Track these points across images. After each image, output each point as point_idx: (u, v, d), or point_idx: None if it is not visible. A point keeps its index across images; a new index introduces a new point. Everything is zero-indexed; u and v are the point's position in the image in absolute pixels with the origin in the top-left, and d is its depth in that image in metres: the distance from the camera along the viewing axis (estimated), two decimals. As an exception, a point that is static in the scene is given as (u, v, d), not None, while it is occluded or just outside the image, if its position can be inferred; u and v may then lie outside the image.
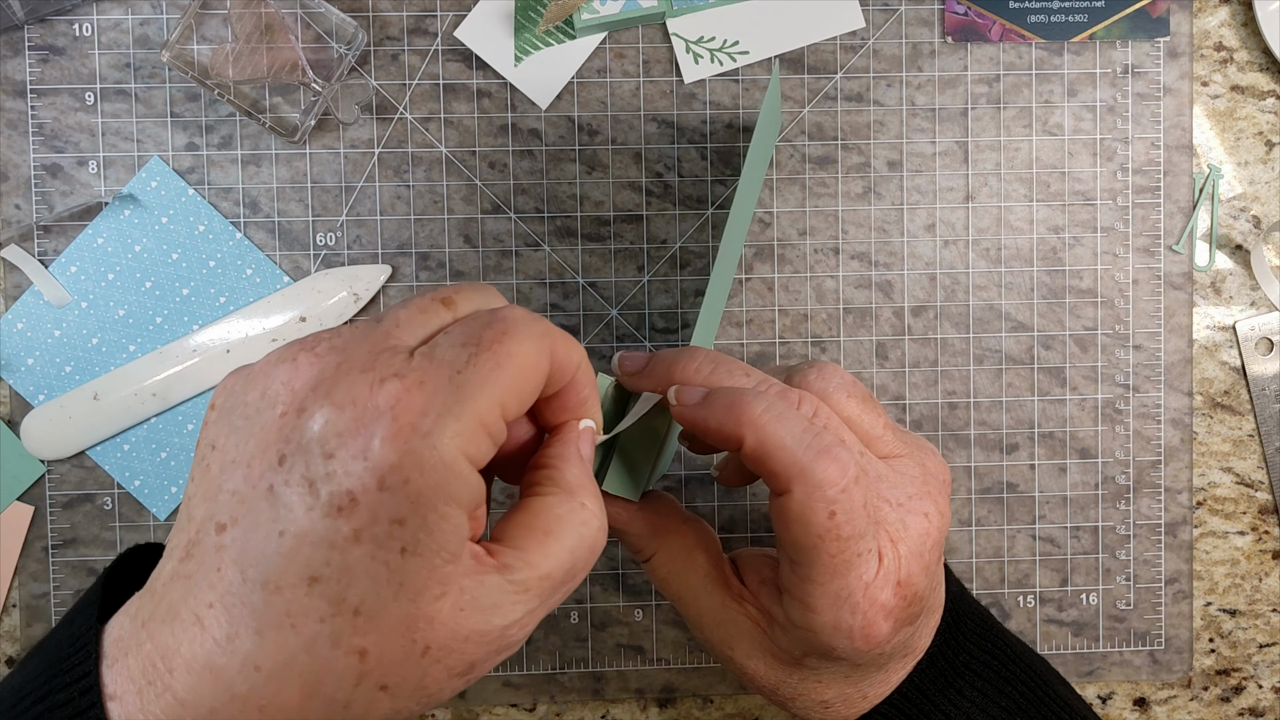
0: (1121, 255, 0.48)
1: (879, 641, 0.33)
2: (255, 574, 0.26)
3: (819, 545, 0.32)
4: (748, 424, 0.32)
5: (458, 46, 0.46)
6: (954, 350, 0.48)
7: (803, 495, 0.31)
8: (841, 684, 0.36)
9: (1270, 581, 0.49)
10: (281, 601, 0.25)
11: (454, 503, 0.26)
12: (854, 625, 0.33)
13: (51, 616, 0.46)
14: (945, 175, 0.48)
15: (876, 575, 0.33)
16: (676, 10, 0.46)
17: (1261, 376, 0.49)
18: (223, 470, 0.27)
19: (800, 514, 0.32)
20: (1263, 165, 0.49)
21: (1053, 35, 0.47)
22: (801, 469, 0.31)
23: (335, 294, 0.46)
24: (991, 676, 0.37)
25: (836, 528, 0.32)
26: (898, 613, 0.33)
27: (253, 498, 0.26)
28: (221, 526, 0.26)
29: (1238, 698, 0.50)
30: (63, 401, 0.45)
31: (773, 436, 0.32)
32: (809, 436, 0.32)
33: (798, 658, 0.35)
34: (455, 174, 0.47)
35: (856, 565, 0.32)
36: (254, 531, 0.26)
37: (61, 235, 0.46)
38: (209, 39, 0.45)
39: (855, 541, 0.32)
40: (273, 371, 0.27)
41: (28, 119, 0.46)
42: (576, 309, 0.47)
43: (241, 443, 0.27)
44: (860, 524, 0.32)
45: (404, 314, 0.29)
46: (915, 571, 0.33)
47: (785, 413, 0.32)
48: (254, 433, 0.26)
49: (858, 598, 0.32)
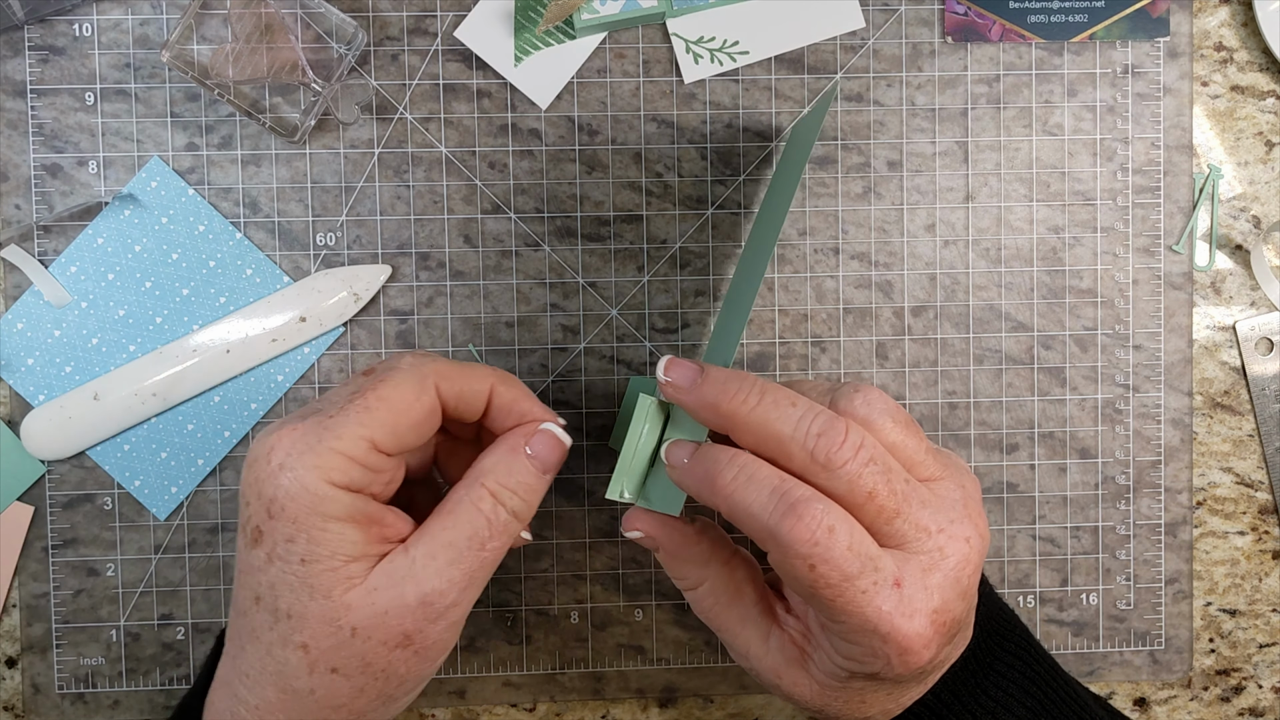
0: (1121, 255, 0.48)
1: (919, 665, 0.34)
2: (234, 607, 0.34)
3: (816, 593, 0.33)
4: (720, 493, 0.34)
5: (458, 46, 0.46)
6: (954, 350, 0.48)
7: (779, 555, 0.33)
8: (884, 699, 0.37)
9: (1270, 581, 0.49)
10: (246, 622, 0.33)
11: (329, 518, 0.32)
12: (889, 652, 0.33)
13: (51, 616, 0.46)
14: (945, 175, 0.48)
15: (899, 602, 0.33)
16: (676, 10, 0.46)
17: (1261, 376, 0.49)
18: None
19: (785, 570, 0.33)
20: (1263, 165, 0.49)
21: (1053, 35, 0.47)
22: (770, 532, 0.32)
23: (335, 294, 0.46)
24: (1017, 677, 0.38)
25: (823, 577, 0.32)
26: (937, 640, 0.33)
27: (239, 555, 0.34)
28: None
29: (1238, 698, 0.50)
30: (63, 401, 0.45)
31: (740, 504, 0.33)
32: (775, 499, 0.32)
33: (844, 679, 0.35)
34: (455, 174, 0.47)
35: (870, 599, 0.32)
36: (235, 576, 0.34)
37: (61, 235, 0.46)
38: (209, 39, 0.45)
39: (853, 581, 0.32)
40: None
41: (28, 119, 0.46)
42: (576, 309, 0.47)
43: None
44: (849, 566, 0.32)
45: (333, 389, 0.35)
46: (951, 599, 0.34)
47: (755, 475, 0.33)
48: None
49: (885, 627, 0.32)
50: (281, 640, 0.33)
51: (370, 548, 0.33)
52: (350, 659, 0.32)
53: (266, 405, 0.46)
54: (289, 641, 0.32)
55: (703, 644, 0.48)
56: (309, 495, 0.32)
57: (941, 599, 0.33)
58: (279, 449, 0.32)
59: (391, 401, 0.33)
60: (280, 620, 0.32)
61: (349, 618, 0.32)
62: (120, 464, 0.46)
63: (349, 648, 0.32)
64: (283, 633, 0.32)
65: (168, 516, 0.47)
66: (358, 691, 0.33)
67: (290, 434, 0.32)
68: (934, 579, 0.33)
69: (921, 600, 0.33)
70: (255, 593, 0.33)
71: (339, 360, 0.47)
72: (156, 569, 0.47)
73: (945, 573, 0.34)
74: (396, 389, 0.34)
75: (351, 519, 0.32)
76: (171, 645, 0.47)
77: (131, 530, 0.46)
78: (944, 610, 0.33)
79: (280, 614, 0.32)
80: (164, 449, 0.46)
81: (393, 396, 0.33)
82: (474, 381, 0.36)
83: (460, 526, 0.34)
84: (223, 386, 0.46)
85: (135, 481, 0.46)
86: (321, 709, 0.33)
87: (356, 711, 0.34)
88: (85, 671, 0.46)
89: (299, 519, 0.32)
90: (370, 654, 0.32)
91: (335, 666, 0.32)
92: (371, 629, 0.32)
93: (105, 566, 0.46)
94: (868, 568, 0.32)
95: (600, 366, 0.47)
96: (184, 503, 0.47)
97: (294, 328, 0.46)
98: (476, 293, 0.47)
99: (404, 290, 0.47)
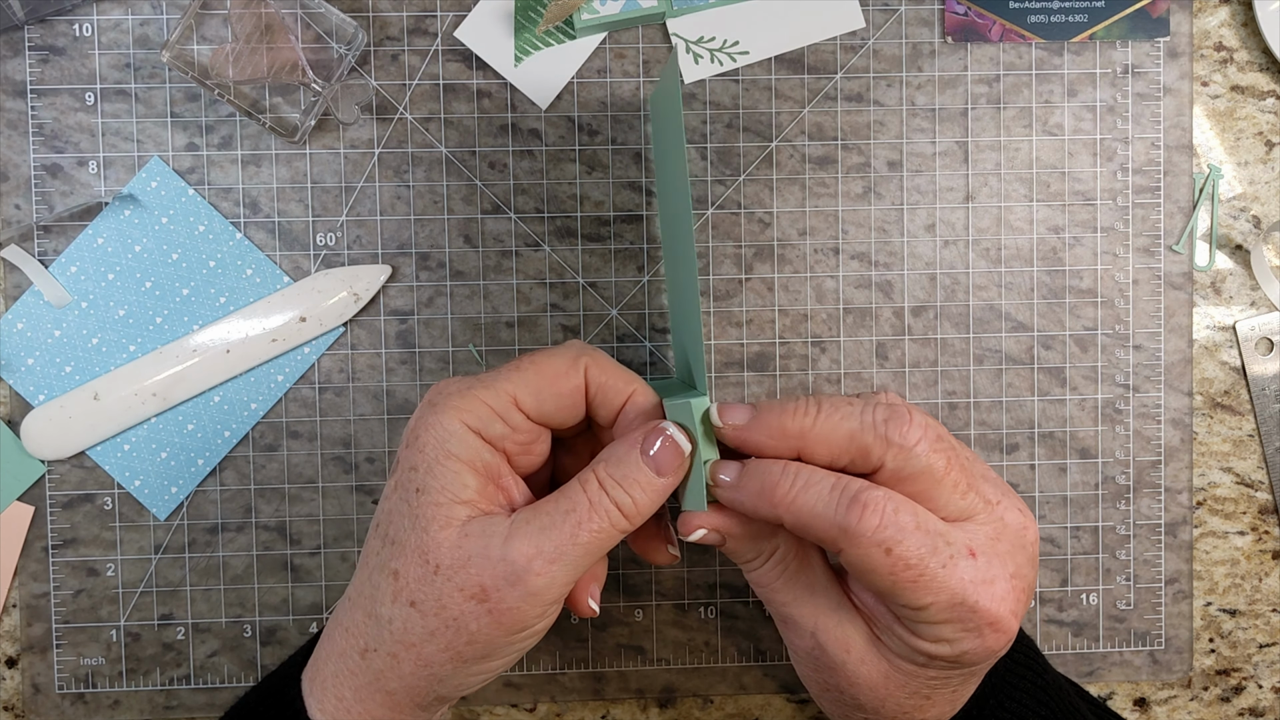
0: (1121, 255, 0.48)
1: (1009, 636, 0.34)
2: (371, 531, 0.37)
3: (896, 580, 0.32)
4: (781, 503, 0.34)
5: (458, 46, 0.46)
6: (954, 350, 0.48)
7: (853, 550, 0.33)
8: (949, 696, 0.36)
9: (1270, 581, 0.49)
10: (366, 548, 0.36)
11: (453, 457, 0.34)
12: (981, 624, 0.33)
13: (51, 616, 0.46)
14: (945, 175, 0.48)
15: (979, 570, 0.33)
16: (676, 10, 0.46)
17: (1261, 376, 0.49)
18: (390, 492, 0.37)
19: (863, 565, 0.33)
20: (1263, 165, 0.49)
21: (1053, 35, 0.47)
22: (839, 528, 0.33)
23: (335, 294, 0.46)
24: (1029, 688, 0.39)
25: (901, 558, 0.32)
26: (1021, 606, 0.34)
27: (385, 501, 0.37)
28: None
29: (1238, 698, 0.50)
30: (63, 401, 0.45)
31: (804, 508, 0.33)
32: (837, 495, 0.33)
33: (922, 664, 0.35)
34: (455, 174, 0.47)
35: (951, 573, 0.33)
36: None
37: (61, 235, 0.46)
38: (209, 39, 0.45)
39: (930, 557, 0.32)
40: None
41: (28, 119, 0.46)
42: (576, 309, 0.47)
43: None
44: (924, 540, 0.32)
45: (504, 368, 0.37)
46: (1023, 564, 0.34)
47: (811, 478, 0.34)
48: None
49: (971, 597, 0.33)
50: (380, 565, 0.35)
51: (483, 500, 0.35)
52: (429, 596, 0.34)
53: (266, 405, 0.46)
54: (385, 567, 0.34)
55: (702, 644, 0.48)
56: (441, 429, 0.34)
57: (1015, 564, 0.34)
58: (438, 391, 0.35)
59: (541, 367, 0.36)
60: (386, 545, 0.35)
61: (436, 554, 0.33)
62: (120, 464, 0.46)
63: (430, 584, 0.33)
64: (384, 558, 0.35)
65: (168, 516, 0.47)
66: (429, 634, 0.34)
67: (453, 382, 0.36)
68: (1003, 546, 0.34)
69: (998, 567, 0.33)
70: (377, 519, 0.36)
71: (339, 360, 0.47)
72: (156, 569, 0.47)
73: (1011, 539, 0.34)
74: (550, 359, 0.36)
75: (472, 464, 0.34)
76: (171, 645, 0.47)
77: (131, 530, 0.46)
78: (1020, 576, 0.34)
79: (387, 540, 0.35)
80: (164, 449, 0.46)
81: (544, 364, 0.36)
82: (620, 380, 0.37)
83: (560, 501, 0.34)
84: (223, 386, 0.46)
85: (135, 481, 0.46)
86: (395, 642, 0.34)
87: (425, 658, 0.34)
88: (85, 671, 0.46)
89: (426, 449, 0.34)
90: (446, 597, 0.33)
91: (414, 600, 0.34)
92: (452, 571, 0.33)
93: (105, 566, 0.46)
94: (939, 542, 0.33)
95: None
96: (184, 503, 0.47)
97: (294, 328, 0.46)
98: (476, 293, 0.47)
99: (404, 290, 0.47)
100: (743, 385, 0.47)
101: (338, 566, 0.47)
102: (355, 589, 0.36)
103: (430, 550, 0.34)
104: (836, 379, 0.48)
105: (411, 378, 0.47)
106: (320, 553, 0.47)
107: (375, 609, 0.35)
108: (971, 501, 0.34)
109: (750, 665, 0.48)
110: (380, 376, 0.47)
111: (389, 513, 0.35)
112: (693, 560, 0.48)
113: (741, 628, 0.48)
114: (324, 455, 0.47)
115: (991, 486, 0.35)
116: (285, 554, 0.47)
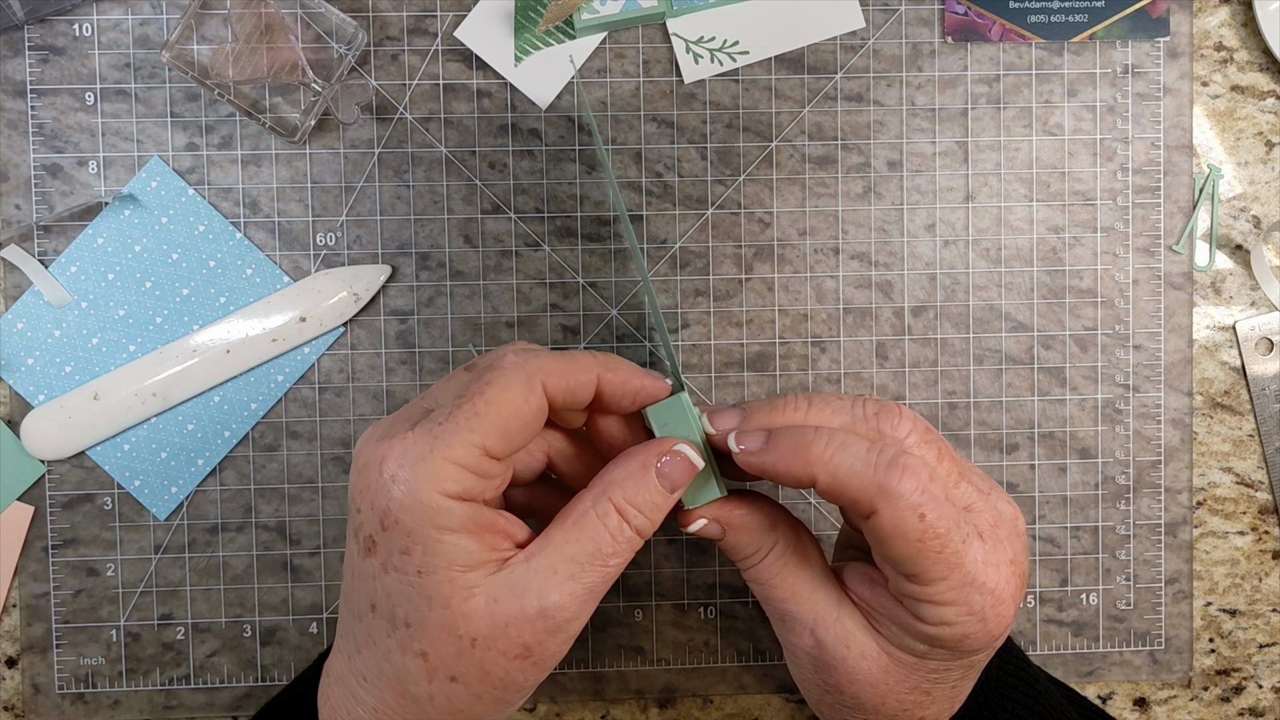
0: (1121, 255, 0.48)
1: (1008, 620, 0.34)
2: (346, 609, 0.34)
3: (922, 549, 0.33)
4: (816, 463, 0.33)
5: (458, 46, 0.46)
6: (954, 350, 0.48)
7: (890, 511, 0.32)
8: (949, 691, 0.36)
9: (1270, 581, 0.49)
10: (363, 626, 0.33)
11: (444, 529, 0.31)
12: (986, 605, 0.33)
13: (51, 616, 0.46)
14: (945, 175, 0.48)
15: (987, 553, 0.34)
16: (676, 10, 0.46)
17: (1261, 376, 0.49)
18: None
19: (894, 528, 0.33)
20: (1263, 165, 0.49)
21: (1053, 35, 0.47)
22: (880, 488, 0.32)
23: (335, 294, 0.46)
24: (1020, 697, 0.39)
25: (932, 526, 0.32)
26: (1020, 592, 0.34)
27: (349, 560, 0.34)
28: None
29: (1238, 698, 0.50)
30: (63, 401, 0.45)
31: (843, 467, 0.33)
32: (874, 455, 0.33)
33: (922, 654, 0.35)
34: (455, 174, 0.47)
35: (969, 549, 0.33)
36: (344, 577, 0.35)
37: (61, 235, 0.46)
38: (209, 39, 0.45)
39: (955, 530, 0.33)
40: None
41: (28, 119, 0.46)
42: (576, 309, 0.47)
43: None
44: (951, 513, 0.33)
45: (437, 384, 0.35)
46: (1019, 550, 0.35)
47: (847, 441, 0.33)
48: None
49: (981, 577, 0.33)
50: (400, 647, 0.33)
51: (486, 555, 0.32)
52: (469, 668, 0.32)
53: (266, 405, 0.46)
54: (408, 649, 0.32)
55: (702, 645, 0.48)
56: (423, 508, 0.31)
57: (1013, 550, 0.34)
58: (391, 459, 0.32)
59: (500, 405, 0.32)
60: (398, 628, 0.32)
61: (469, 628, 0.32)
62: (120, 464, 0.46)
63: (468, 657, 0.32)
64: (401, 640, 0.32)
65: (168, 516, 0.47)
66: (475, 698, 0.33)
67: (401, 444, 0.32)
68: (1003, 532, 0.34)
69: (1000, 552, 0.34)
70: (370, 600, 0.33)
71: (339, 360, 0.47)
72: (156, 569, 0.47)
73: (1008, 527, 0.35)
74: (504, 391, 0.33)
75: (466, 529, 0.32)
76: (171, 645, 0.47)
77: (131, 530, 0.46)
78: (1017, 561, 0.34)
79: (398, 621, 0.32)
80: (164, 449, 0.46)
81: (501, 399, 0.32)
82: (579, 373, 0.35)
83: (584, 541, 0.33)
84: (223, 386, 0.46)
85: (135, 481, 0.46)
86: (440, 714, 0.33)
87: (473, 716, 0.33)
88: (85, 671, 0.46)
89: (414, 531, 0.31)
90: (489, 663, 0.32)
91: (454, 675, 0.32)
92: (491, 640, 0.32)
93: (105, 566, 0.46)
94: (961, 517, 0.33)
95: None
96: (184, 503, 0.47)
97: (294, 328, 0.46)
98: (476, 293, 0.47)
99: (404, 290, 0.47)
100: (743, 385, 0.47)
101: (337, 567, 0.47)
102: (370, 670, 0.33)
103: (459, 625, 0.32)
104: (836, 379, 0.48)
105: (411, 378, 0.47)
106: (320, 553, 0.47)
107: (407, 689, 0.33)
108: (965, 491, 0.35)
109: (750, 665, 0.48)
110: (380, 376, 0.47)
111: (388, 594, 0.32)
112: (692, 560, 0.48)
113: (741, 628, 0.48)
114: (324, 455, 0.47)
115: (980, 479, 0.36)
116: (285, 554, 0.47)
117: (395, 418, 0.34)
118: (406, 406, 0.34)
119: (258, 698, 0.47)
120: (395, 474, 0.31)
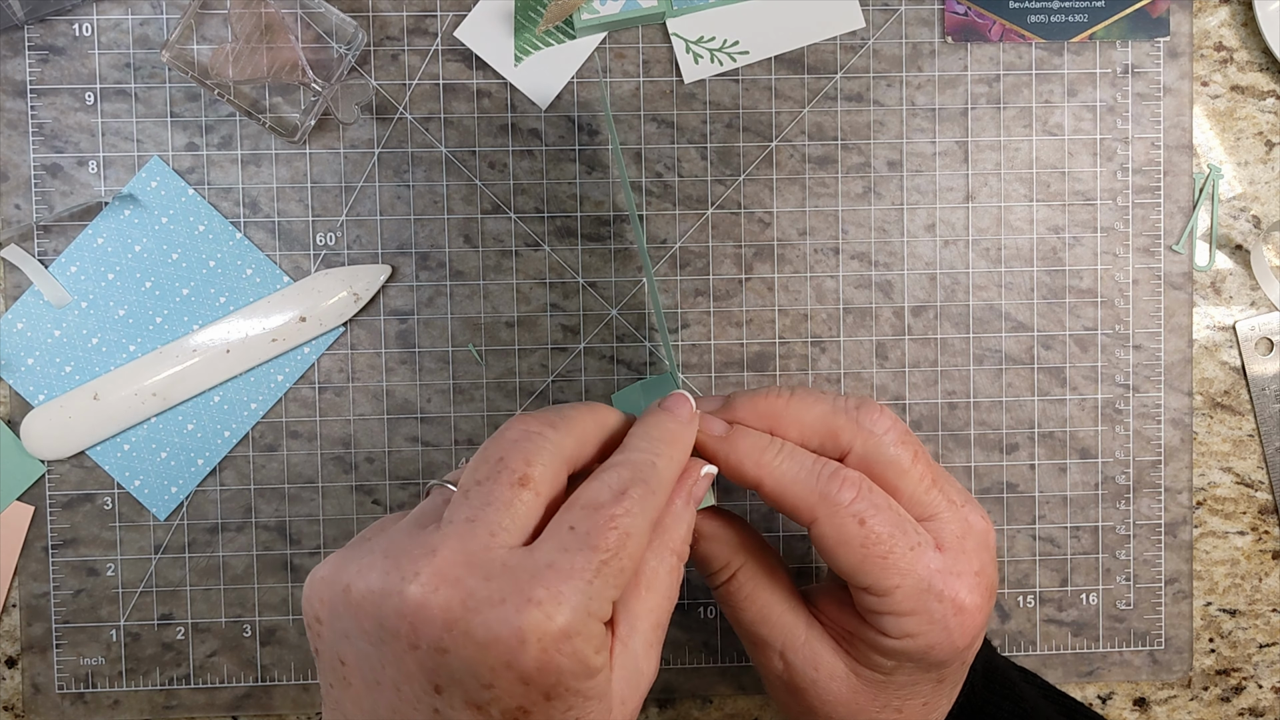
0: (1121, 255, 0.48)
1: (974, 630, 0.34)
2: None
3: (866, 555, 0.33)
4: (764, 468, 0.35)
5: (458, 46, 0.46)
6: (954, 350, 0.48)
7: (829, 517, 0.34)
8: (919, 708, 0.37)
9: (1270, 581, 0.49)
10: None
11: (590, 676, 0.29)
12: (946, 613, 0.34)
13: (51, 616, 0.46)
14: (945, 175, 0.48)
15: (946, 562, 0.34)
16: (676, 10, 0.46)
17: (1261, 376, 0.49)
18: (369, 690, 0.30)
19: (836, 535, 0.34)
20: (1263, 165, 0.49)
21: (1053, 35, 0.47)
22: (819, 495, 0.34)
23: (335, 294, 0.46)
24: (1007, 717, 0.39)
25: (873, 530, 0.33)
26: (985, 603, 0.35)
27: (416, 718, 0.29)
28: None
29: (1238, 698, 0.50)
30: (63, 401, 0.45)
31: (787, 474, 0.34)
32: (819, 466, 0.34)
33: (889, 670, 0.35)
34: (455, 174, 0.47)
35: (918, 557, 0.34)
36: None
37: (61, 235, 0.46)
38: (209, 39, 0.45)
39: (900, 537, 0.33)
40: (381, 603, 0.29)
41: (28, 119, 0.46)
42: (576, 309, 0.47)
43: (377, 667, 0.29)
44: (893, 519, 0.34)
45: (491, 514, 0.30)
46: (987, 562, 0.35)
47: (794, 451, 0.35)
48: (388, 660, 0.29)
49: (938, 585, 0.34)
50: None
51: (604, 682, 0.30)
52: None
53: (266, 405, 0.47)
54: None
55: (701, 645, 0.48)
56: (582, 668, 0.29)
57: (980, 562, 0.35)
58: (547, 629, 0.28)
59: (630, 548, 0.30)
60: None
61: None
62: (120, 464, 0.46)
63: None
64: None
65: (168, 516, 0.47)
66: None
67: (555, 605, 0.28)
68: (969, 544, 0.35)
69: (964, 563, 0.34)
70: None
71: (339, 360, 0.47)
72: (156, 569, 0.47)
73: (976, 538, 0.35)
74: (637, 537, 0.31)
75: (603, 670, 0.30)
76: (171, 645, 0.47)
77: (131, 530, 0.46)
78: (984, 573, 0.35)
79: None
80: (164, 449, 0.46)
81: (632, 543, 0.30)
82: (587, 450, 0.34)
83: (664, 604, 0.32)
84: (223, 386, 0.46)
85: (135, 481, 0.46)
86: None
87: None
88: (85, 671, 0.46)
89: (578, 692, 0.29)
90: None
91: None
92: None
93: (105, 566, 0.46)
94: (909, 527, 0.34)
95: (600, 366, 0.47)
96: (184, 503, 0.47)
97: (294, 328, 0.46)
98: (476, 293, 0.47)
99: (404, 290, 0.47)
100: (743, 385, 0.47)
101: (338, 566, 0.47)
102: None
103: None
104: (836, 379, 0.48)
105: (411, 378, 0.47)
106: (320, 553, 0.47)
107: None
108: (935, 498, 0.35)
109: (749, 665, 0.48)
110: (380, 376, 0.47)
111: None
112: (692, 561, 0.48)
113: (741, 628, 0.48)
114: (324, 455, 0.47)
115: (955, 490, 0.36)
116: (285, 554, 0.47)
117: (455, 559, 0.29)
118: (445, 539, 0.30)
119: (258, 698, 0.47)
120: (561, 645, 0.28)
